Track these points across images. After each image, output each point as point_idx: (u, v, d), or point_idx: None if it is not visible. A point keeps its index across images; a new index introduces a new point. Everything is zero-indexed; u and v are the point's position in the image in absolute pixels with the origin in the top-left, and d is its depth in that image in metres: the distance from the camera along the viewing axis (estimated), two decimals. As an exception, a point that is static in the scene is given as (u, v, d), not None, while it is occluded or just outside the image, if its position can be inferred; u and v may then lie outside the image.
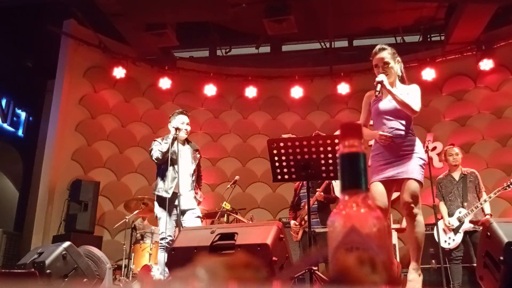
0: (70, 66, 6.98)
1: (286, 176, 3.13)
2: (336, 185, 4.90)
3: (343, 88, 7.26)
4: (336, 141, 2.94)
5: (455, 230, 4.83)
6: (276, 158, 3.07)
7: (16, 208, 7.96)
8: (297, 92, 7.39)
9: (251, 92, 7.47)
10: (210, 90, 7.44)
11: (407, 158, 2.96)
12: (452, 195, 4.92)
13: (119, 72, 7.03)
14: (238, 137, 7.75)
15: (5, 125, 7.97)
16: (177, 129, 4.09)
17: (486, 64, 6.72)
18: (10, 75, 7.55)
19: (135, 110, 7.50)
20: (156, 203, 4.10)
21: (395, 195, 3.20)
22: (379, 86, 2.99)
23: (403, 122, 3.04)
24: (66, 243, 3.34)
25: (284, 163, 3.07)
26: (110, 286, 4.32)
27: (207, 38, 7.91)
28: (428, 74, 6.80)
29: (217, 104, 7.79)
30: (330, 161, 3.01)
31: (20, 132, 8.33)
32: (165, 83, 7.31)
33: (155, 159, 4.08)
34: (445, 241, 4.89)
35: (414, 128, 3.17)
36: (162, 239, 3.95)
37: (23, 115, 8.46)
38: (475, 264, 3.06)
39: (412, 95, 3.05)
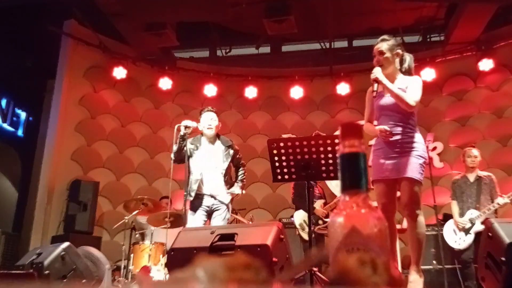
0: (70, 66, 6.98)
1: (286, 176, 3.12)
2: (336, 185, 4.91)
3: (343, 88, 7.26)
4: (336, 141, 2.93)
5: (466, 231, 4.82)
6: (276, 158, 3.07)
7: (15, 209, 7.95)
8: (297, 92, 7.39)
9: (251, 92, 7.47)
10: (210, 90, 7.44)
11: (406, 156, 2.90)
12: (465, 195, 4.90)
13: (119, 72, 7.03)
14: (238, 137, 7.74)
15: (5, 125, 7.97)
16: (186, 127, 3.89)
17: (486, 64, 6.72)
18: (10, 75, 7.54)
19: (135, 110, 7.50)
20: None
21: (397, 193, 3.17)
22: (375, 85, 2.95)
23: (404, 117, 2.98)
24: (65, 244, 3.33)
25: (284, 163, 3.06)
26: (109, 287, 4.31)
27: (207, 38, 7.91)
28: (428, 74, 6.79)
29: (217, 104, 7.72)
30: (330, 161, 3.00)
31: (19, 132, 8.33)
32: (165, 83, 7.31)
33: (173, 161, 3.97)
34: (455, 241, 4.87)
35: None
36: None
37: (23, 115, 8.46)
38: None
39: (411, 88, 2.98)
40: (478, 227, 4.73)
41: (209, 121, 4.04)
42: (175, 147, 3.92)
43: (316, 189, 5.42)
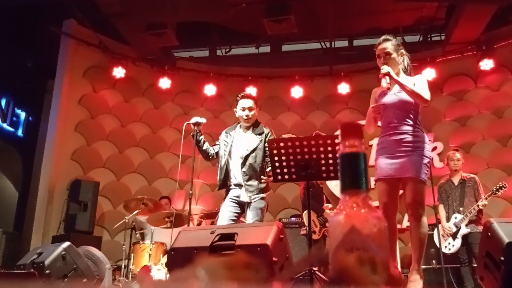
0: (70, 66, 6.98)
1: (286, 176, 3.13)
2: (336, 185, 4.92)
3: (343, 88, 7.26)
4: (337, 141, 2.93)
5: (453, 235, 4.83)
6: (276, 158, 3.07)
7: (15, 208, 7.96)
8: (297, 92, 7.39)
9: (251, 92, 7.45)
10: (210, 90, 7.44)
11: (411, 155, 2.88)
12: (450, 199, 4.94)
13: (119, 72, 7.03)
14: (238, 137, 7.75)
15: (5, 125, 7.98)
16: (195, 124, 3.72)
17: (487, 64, 6.71)
18: (10, 75, 7.55)
19: (135, 110, 7.50)
20: None
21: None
22: (387, 78, 2.91)
23: (409, 115, 2.98)
24: (66, 243, 3.33)
25: (284, 163, 3.07)
26: (110, 287, 4.32)
27: (207, 38, 7.92)
28: (428, 74, 6.78)
29: (217, 104, 7.78)
30: (330, 161, 3.01)
31: (19, 132, 8.34)
32: (165, 83, 7.31)
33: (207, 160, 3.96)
34: (445, 247, 4.89)
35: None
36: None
37: (22, 115, 8.47)
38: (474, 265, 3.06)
39: (419, 85, 2.98)
40: (464, 230, 4.75)
41: (246, 111, 3.69)
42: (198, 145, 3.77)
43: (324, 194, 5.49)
